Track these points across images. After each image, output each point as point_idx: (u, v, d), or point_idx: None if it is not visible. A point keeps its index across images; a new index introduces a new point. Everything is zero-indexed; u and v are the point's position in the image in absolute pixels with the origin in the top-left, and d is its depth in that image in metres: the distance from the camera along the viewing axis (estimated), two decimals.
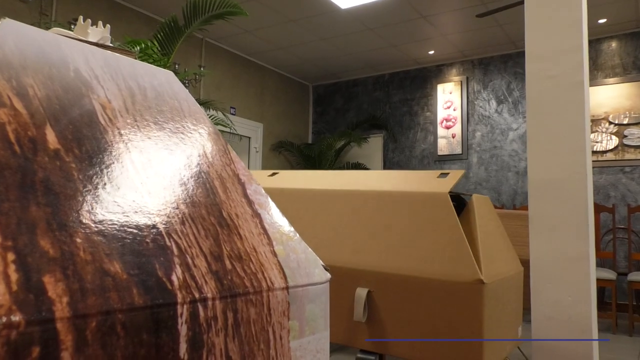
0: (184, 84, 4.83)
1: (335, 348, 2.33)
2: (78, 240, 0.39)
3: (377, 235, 1.57)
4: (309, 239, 1.65)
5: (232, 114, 5.73)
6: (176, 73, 4.43)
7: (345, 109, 6.83)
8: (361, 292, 1.52)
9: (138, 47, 3.40)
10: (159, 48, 3.81)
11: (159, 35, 3.83)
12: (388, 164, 6.34)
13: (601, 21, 4.79)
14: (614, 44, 5.08)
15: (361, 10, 4.66)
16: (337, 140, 6.38)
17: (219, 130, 4.38)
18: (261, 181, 1.89)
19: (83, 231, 0.39)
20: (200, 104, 4.37)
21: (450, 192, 1.54)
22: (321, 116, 7.05)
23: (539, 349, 1.73)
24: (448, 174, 1.60)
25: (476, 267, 1.37)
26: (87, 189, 0.42)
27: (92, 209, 0.41)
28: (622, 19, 4.76)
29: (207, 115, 4.45)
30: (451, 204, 1.50)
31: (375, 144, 6.51)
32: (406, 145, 6.23)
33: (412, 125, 6.21)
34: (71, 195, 0.40)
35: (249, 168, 6.06)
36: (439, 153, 5.92)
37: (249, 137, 6.13)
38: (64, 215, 0.39)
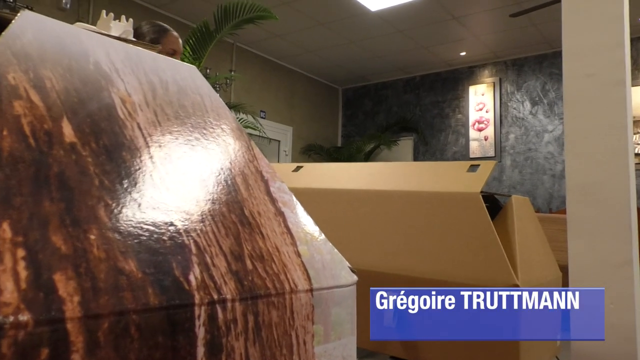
0: (214, 88, 4.88)
1: (363, 355, 2.29)
2: (92, 237, 0.37)
3: (406, 238, 1.53)
4: (334, 241, 1.62)
5: (262, 118, 5.76)
6: (207, 77, 4.48)
7: (375, 111, 6.78)
8: None
9: None
10: (191, 53, 3.86)
11: (190, 40, 3.88)
12: None
13: None
14: None
15: (391, 12, 4.61)
16: (366, 143, 6.33)
17: (249, 133, 4.40)
18: (285, 176, 1.87)
19: (97, 228, 0.38)
20: (230, 108, 4.41)
21: (483, 192, 1.48)
22: (350, 119, 7.02)
23: (579, 356, 1.65)
24: (478, 165, 1.54)
25: (511, 272, 1.32)
26: (103, 184, 0.40)
27: (108, 204, 0.40)
28: None
29: (237, 119, 4.49)
30: (483, 204, 1.44)
31: (405, 146, 6.43)
32: (437, 148, 6.13)
33: (443, 128, 6.11)
34: (86, 191, 0.39)
35: None
36: (471, 155, 5.80)
37: (279, 141, 6.15)
38: (78, 211, 0.37)
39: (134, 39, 0.70)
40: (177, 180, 0.47)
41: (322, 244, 0.59)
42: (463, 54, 5.64)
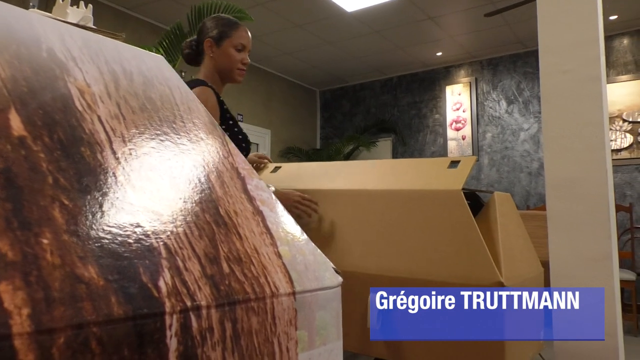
0: None
1: (347, 356, 2.25)
2: (44, 241, 0.33)
3: (388, 237, 1.51)
4: (316, 241, 1.58)
5: (240, 121, 5.69)
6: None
7: (353, 113, 6.77)
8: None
9: None
10: (165, 55, 3.78)
11: (164, 43, 3.80)
12: None
13: (612, 18, 4.70)
14: (625, 41, 4.98)
15: (367, 13, 4.61)
16: (345, 145, 6.32)
17: None
18: (263, 178, 1.83)
19: (51, 231, 0.34)
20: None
21: (465, 189, 1.47)
22: (329, 121, 7.00)
23: (562, 351, 1.65)
24: (459, 162, 1.52)
25: (495, 269, 1.30)
26: (58, 182, 0.36)
27: (64, 205, 0.35)
28: (633, 16, 4.66)
29: None
30: (465, 201, 1.43)
31: (384, 147, 6.44)
32: (416, 148, 6.15)
33: (421, 128, 6.14)
34: (38, 190, 0.34)
35: None
36: (449, 155, 5.83)
37: (257, 144, 6.09)
38: (28, 212, 0.33)
39: (93, 27, 0.66)
40: (144, 178, 0.43)
41: (304, 244, 0.56)
42: (439, 54, 5.68)
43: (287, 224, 0.54)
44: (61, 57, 0.43)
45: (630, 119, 4.85)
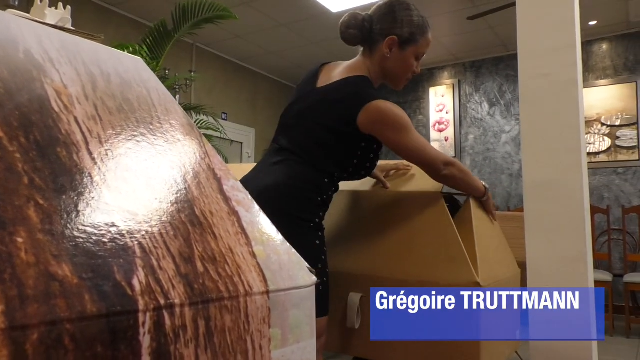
0: (174, 89, 4.77)
1: (328, 356, 2.27)
2: (19, 239, 0.34)
3: (369, 238, 1.53)
4: None
5: (224, 120, 5.67)
6: (166, 78, 4.38)
7: None
8: (354, 298, 1.46)
9: (126, 51, 3.35)
10: (148, 52, 3.76)
11: (148, 40, 3.78)
12: None
13: (592, 23, 4.80)
14: (604, 46, 5.08)
15: None
16: None
17: (210, 135, 4.33)
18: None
19: (26, 230, 0.34)
20: (191, 109, 4.31)
21: (442, 192, 1.49)
22: None
23: (537, 351, 1.68)
24: None
25: (472, 270, 1.33)
26: (33, 182, 0.37)
27: (39, 204, 0.36)
28: (612, 21, 4.76)
29: (198, 120, 4.40)
30: (444, 203, 1.45)
31: None
32: None
33: None
34: (13, 189, 0.35)
35: None
36: None
37: (241, 143, 6.08)
38: (2, 211, 0.34)
39: (72, 28, 0.66)
40: (120, 179, 0.43)
41: (280, 244, 0.57)
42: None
43: (262, 225, 0.55)
44: (38, 58, 0.44)
45: (609, 123, 4.95)
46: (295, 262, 0.57)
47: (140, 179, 0.45)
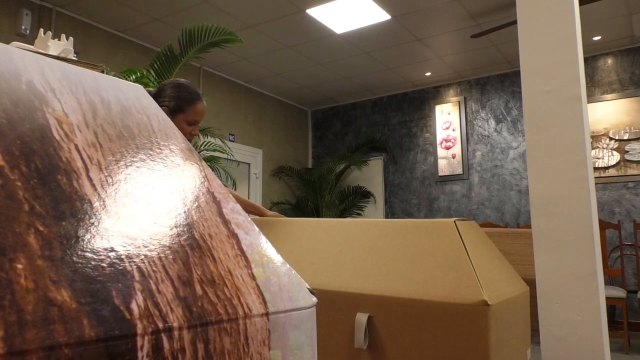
0: None
1: None
2: (19, 266, 0.34)
3: (379, 261, 1.52)
4: (307, 265, 1.60)
5: (232, 141, 5.72)
6: None
7: (344, 132, 6.83)
8: (361, 318, 1.46)
9: (133, 76, 3.41)
10: (155, 77, 3.82)
11: (155, 64, 3.85)
12: (389, 186, 6.30)
13: (596, 38, 4.81)
14: (609, 61, 5.09)
15: (356, 35, 4.69)
16: (337, 164, 6.36)
17: (217, 157, 4.36)
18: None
19: (26, 256, 0.35)
20: (199, 131, 4.35)
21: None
22: (320, 140, 7.04)
23: None
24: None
25: (480, 289, 1.32)
26: (33, 209, 0.38)
27: (38, 231, 0.37)
28: (616, 36, 4.78)
29: (206, 142, 4.44)
30: (455, 228, 1.46)
31: (375, 166, 6.48)
32: (407, 167, 6.20)
33: (412, 147, 6.19)
34: (13, 217, 0.36)
35: (249, 194, 6.02)
36: (440, 174, 5.88)
37: (249, 164, 6.12)
38: (3, 238, 0.35)
39: (74, 58, 0.68)
40: (120, 204, 0.44)
41: (280, 265, 0.57)
42: (428, 74, 5.76)
43: (262, 247, 0.56)
44: (40, 89, 0.45)
45: (617, 137, 4.92)
46: (296, 283, 0.57)
47: (139, 204, 0.46)
